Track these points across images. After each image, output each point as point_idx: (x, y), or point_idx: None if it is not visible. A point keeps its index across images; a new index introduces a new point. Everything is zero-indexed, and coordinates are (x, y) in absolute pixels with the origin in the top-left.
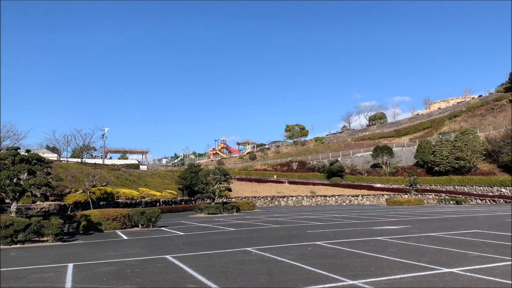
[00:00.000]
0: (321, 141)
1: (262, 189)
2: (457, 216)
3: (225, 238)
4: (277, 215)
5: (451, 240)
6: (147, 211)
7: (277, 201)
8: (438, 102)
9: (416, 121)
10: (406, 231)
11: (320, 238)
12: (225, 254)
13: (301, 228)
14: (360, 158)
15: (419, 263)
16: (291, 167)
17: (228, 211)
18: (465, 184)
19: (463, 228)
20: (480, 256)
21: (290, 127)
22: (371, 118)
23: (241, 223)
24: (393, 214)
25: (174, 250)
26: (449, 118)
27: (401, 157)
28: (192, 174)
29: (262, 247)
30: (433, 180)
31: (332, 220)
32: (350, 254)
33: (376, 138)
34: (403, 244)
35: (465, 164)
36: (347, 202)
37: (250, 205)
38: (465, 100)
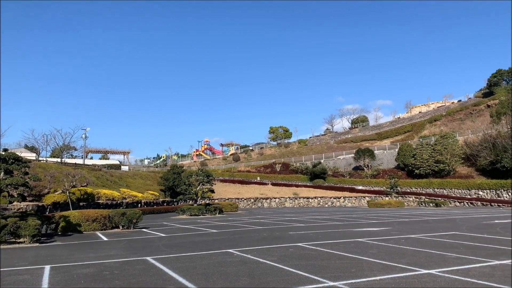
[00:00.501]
0: (304, 143)
1: (245, 191)
2: (436, 218)
3: (207, 239)
4: (260, 217)
5: (430, 242)
6: (128, 212)
7: (260, 203)
8: (419, 106)
9: (398, 124)
10: (386, 233)
11: (302, 239)
12: (206, 256)
13: (284, 229)
14: (343, 160)
15: (399, 265)
16: (274, 168)
17: (211, 213)
18: (444, 187)
19: (442, 230)
20: (457, 258)
21: (274, 129)
22: (354, 121)
23: (224, 224)
24: (374, 216)
25: (155, 251)
26: (429, 122)
27: (382, 160)
28: (174, 175)
29: (244, 249)
30: (414, 182)
31: (314, 221)
32: (331, 256)
33: (358, 141)
34: (383, 245)
35: (445, 168)
36: (329, 204)
37: (233, 207)
38: (445, 105)
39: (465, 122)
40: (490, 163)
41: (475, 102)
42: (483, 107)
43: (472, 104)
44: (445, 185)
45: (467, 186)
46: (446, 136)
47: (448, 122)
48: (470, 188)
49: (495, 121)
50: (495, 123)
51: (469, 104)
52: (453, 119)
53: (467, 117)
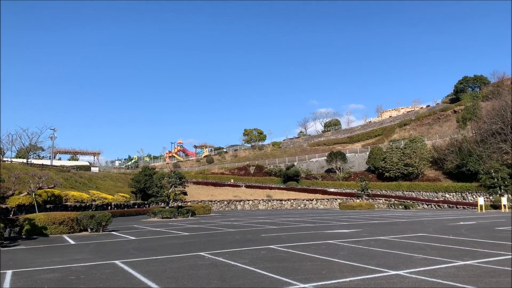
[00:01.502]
0: (278, 145)
1: (218, 193)
2: (405, 220)
3: (178, 242)
4: (233, 219)
5: (399, 243)
6: (97, 214)
7: (234, 205)
8: (389, 111)
9: (369, 128)
10: (357, 234)
11: (274, 241)
12: (177, 259)
13: (256, 232)
14: (315, 163)
15: (368, 266)
16: (248, 171)
17: (183, 215)
18: (413, 189)
19: (410, 232)
20: (424, 259)
21: (249, 131)
22: (326, 125)
23: (196, 227)
24: (345, 218)
25: (124, 255)
26: (399, 126)
27: (354, 163)
28: (146, 177)
29: (216, 252)
30: (384, 185)
31: (286, 223)
32: (303, 258)
33: (331, 144)
34: (353, 247)
35: (413, 171)
36: (302, 206)
37: (206, 209)
38: (414, 110)
39: (433, 127)
40: (456, 166)
41: (442, 108)
42: (450, 113)
43: (440, 110)
44: (414, 188)
45: (435, 189)
46: (415, 140)
47: (417, 126)
48: (438, 191)
49: (461, 126)
50: (461, 128)
51: (437, 110)
52: (421, 123)
53: (435, 122)
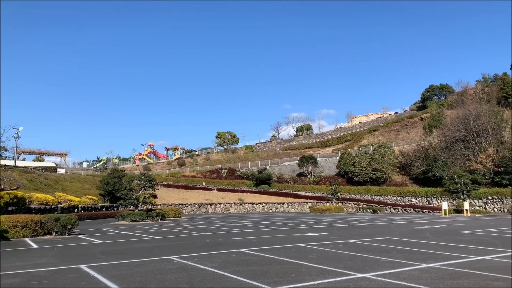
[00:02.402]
0: (251, 149)
1: (190, 196)
2: (373, 224)
3: (147, 246)
4: (204, 223)
5: (366, 247)
6: (63, 217)
7: (205, 208)
8: (359, 117)
9: (339, 133)
10: (326, 238)
11: (244, 245)
12: (145, 263)
13: (227, 235)
14: (287, 166)
15: (336, 269)
16: (220, 174)
17: (153, 219)
18: (381, 194)
19: (377, 235)
20: (390, 262)
21: (221, 134)
22: (299, 129)
23: (166, 230)
24: (315, 222)
25: (90, 259)
26: (368, 132)
27: (324, 167)
28: (115, 179)
29: (185, 255)
30: (353, 189)
31: (257, 227)
32: (272, 261)
33: (303, 148)
34: (322, 250)
35: (381, 175)
36: (273, 210)
37: (176, 212)
38: (383, 116)
39: (400, 133)
40: (422, 172)
41: (410, 115)
42: (417, 120)
43: (407, 117)
44: (382, 192)
45: (402, 194)
46: (383, 146)
47: (385, 132)
48: (404, 195)
49: (427, 133)
50: (427, 135)
51: (405, 116)
52: (390, 130)
53: (402, 128)
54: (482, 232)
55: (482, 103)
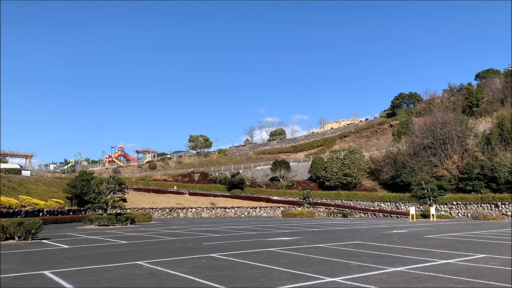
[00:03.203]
0: (224, 153)
1: (160, 200)
2: (343, 228)
3: (116, 251)
4: (175, 227)
5: (336, 251)
6: (26, 221)
7: (176, 213)
8: (331, 123)
9: (312, 138)
10: (297, 242)
11: (215, 250)
12: (113, 269)
13: (198, 240)
14: (260, 171)
15: (306, 273)
16: (192, 178)
17: (122, 223)
18: (351, 198)
19: (347, 240)
20: (359, 266)
21: (194, 137)
22: (272, 134)
23: (135, 235)
24: (287, 226)
25: (55, 265)
26: (340, 138)
27: (297, 172)
28: (83, 182)
29: (155, 261)
30: (324, 194)
31: (229, 232)
32: (244, 266)
33: (276, 153)
34: (293, 255)
35: (352, 181)
36: (245, 214)
37: (146, 217)
38: (354, 123)
39: (371, 139)
40: (391, 177)
41: (380, 122)
42: (387, 126)
43: (377, 123)
44: (352, 197)
45: (371, 199)
46: (354, 152)
47: (356, 138)
48: (374, 200)
49: (396, 139)
50: (396, 141)
51: (375, 123)
52: (360, 136)
53: (372, 135)
54: (447, 237)
55: (448, 112)
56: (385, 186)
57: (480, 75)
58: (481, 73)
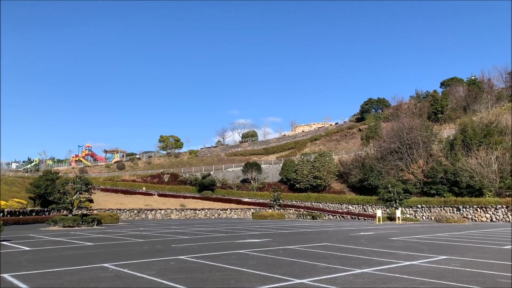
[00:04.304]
0: (195, 154)
1: (129, 201)
2: (312, 230)
3: (80, 253)
4: (143, 229)
5: (305, 253)
6: None
7: (145, 214)
8: (302, 126)
9: (283, 141)
10: (267, 244)
11: (184, 252)
12: (77, 271)
13: (166, 242)
14: (232, 173)
15: (275, 275)
16: (162, 179)
17: (88, 224)
18: (321, 201)
19: (316, 241)
20: (327, 267)
21: (165, 138)
22: (244, 135)
23: (101, 237)
24: (257, 228)
25: (15, 267)
26: (310, 141)
27: (268, 174)
28: (47, 182)
29: (121, 263)
30: (294, 196)
31: (199, 233)
32: (212, 268)
33: (247, 155)
34: (263, 256)
35: (322, 183)
36: (216, 216)
37: (113, 218)
38: (324, 126)
39: (340, 143)
40: (359, 180)
41: (349, 126)
42: (356, 131)
43: (347, 127)
44: (322, 199)
45: (340, 201)
46: (324, 155)
47: (326, 141)
48: (342, 202)
49: (365, 143)
50: (365, 145)
51: (345, 127)
52: (330, 139)
53: (342, 138)
54: (412, 239)
55: (414, 118)
56: (353, 189)
57: (445, 83)
58: (446, 81)
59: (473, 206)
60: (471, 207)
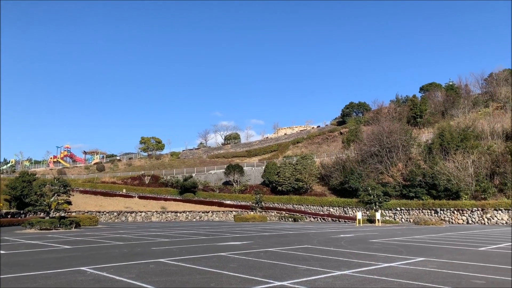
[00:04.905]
0: (177, 156)
1: (108, 204)
2: (293, 232)
3: (58, 256)
4: (122, 231)
5: (286, 255)
6: None
7: (125, 217)
8: (285, 129)
9: (266, 143)
10: (248, 246)
11: (164, 255)
12: (54, 275)
13: (146, 245)
14: (214, 175)
15: (256, 278)
16: (143, 181)
17: (66, 227)
18: (302, 203)
19: (297, 244)
20: (307, 269)
21: (146, 139)
22: (227, 138)
23: (80, 240)
24: (238, 230)
25: None
26: (293, 144)
27: (250, 176)
28: (24, 183)
29: (100, 266)
30: (276, 198)
31: (179, 236)
32: (193, 271)
33: (230, 157)
34: (243, 259)
35: (303, 185)
36: (197, 218)
37: (92, 220)
38: (306, 129)
39: (322, 146)
40: (340, 183)
41: (331, 129)
42: (337, 134)
43: (328, 131)
44: (303, 202)
45: (321, 203)
46: (305, 157)
47: (308, 144)
48: (323, 205)
49: (346, 146)
50: (346, 148)
51: (326, 130)
52: (312, 142)
53: (324, 141)
54: (391, 241)
55: (394, 122)
56: (334, 191)
57: (424, 88)
58: (425, 86)
59: (450, 209)
60: (448, 209)
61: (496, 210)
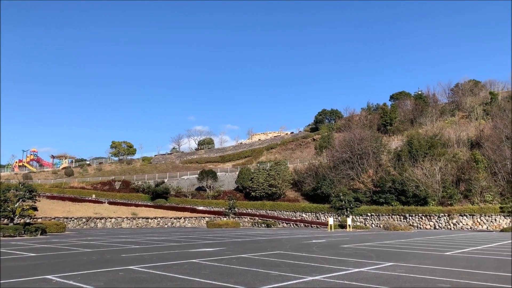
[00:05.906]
0: (149, 161)
1: (77, 209)
2: (266, 238)
3: (21, 264)
4: (91, 238)
5: (258, 261)
6: None
7: (94, 223)
8: (259, 134)
9: (240, 149)
10: (220, 253)
11: (134, 262)
12: (17, 284)
13: (116, 252)
14: (187, 180)
15: (227, 284)
16: (113, 186)
17: (31, 233)
18: (275, 209)
19: (269, 250)
20: (279, 275)
21: (117, 143)
22: (200, 143)
23: (46, 247)
24: (211, 237)
25: None
26: (266, 149)
27: (224, 182)
28: None
29: (66, 274)
30: (250, 204)
31: (150, 243)
32: (163, 278)
33: (203, 162)
34: (215, 265)
35: (277, 191)
36: (169, 225)
37: (60, 227)
38: (280, 135)
39: (295, 152)
40: (312, 189)
41: (304, 135)
42: (310, 140)
43: (302, 137)
44: (276, 207)
45: (294, 209)
46: (279, 163)
47: (282, 150)
48: (296, 210)
49: (318, 153)
50: (318, 154)
51: (299, 136)
52: (286, 148)
53: (297, 148)
54: (361, 246)
55: (365, 129)
56: (307, 197)
57: (394, 96)
58: (395, 95)
59: (419, 215)
60: (417, 215)
61: (462, 216)
